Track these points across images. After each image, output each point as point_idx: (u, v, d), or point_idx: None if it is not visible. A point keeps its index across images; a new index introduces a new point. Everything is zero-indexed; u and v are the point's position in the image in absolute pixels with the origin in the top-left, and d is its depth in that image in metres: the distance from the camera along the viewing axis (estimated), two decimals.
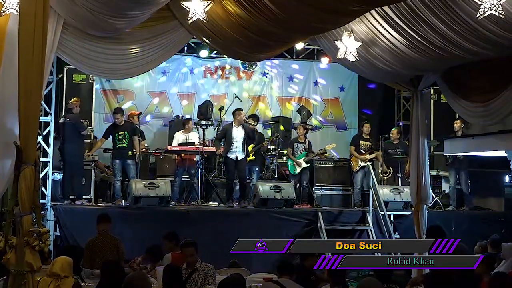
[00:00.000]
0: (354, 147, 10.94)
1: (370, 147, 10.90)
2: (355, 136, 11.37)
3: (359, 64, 8.00)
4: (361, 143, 10.91)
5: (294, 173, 10.86)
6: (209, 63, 13.16)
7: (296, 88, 13.63)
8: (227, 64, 13.22)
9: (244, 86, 13.44)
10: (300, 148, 11.01)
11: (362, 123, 11.22)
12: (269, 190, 9.79)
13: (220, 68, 13.25)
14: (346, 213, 10.08)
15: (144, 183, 9.38)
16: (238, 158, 9.86)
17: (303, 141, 11.07)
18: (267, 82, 13.54)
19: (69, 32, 6.83)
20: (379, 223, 9.86)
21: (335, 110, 13.77)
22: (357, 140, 11.00)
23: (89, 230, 8.12)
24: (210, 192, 10.75)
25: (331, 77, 13.68)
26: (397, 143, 11.04)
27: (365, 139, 10.94)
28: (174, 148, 10.43)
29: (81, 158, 9.57)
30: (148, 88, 12.82)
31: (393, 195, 10.26)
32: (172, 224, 8.53)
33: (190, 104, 13.01)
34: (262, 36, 7.13)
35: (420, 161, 8.58)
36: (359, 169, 10.73)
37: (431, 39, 6.84)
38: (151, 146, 11.67)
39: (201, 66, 13.15)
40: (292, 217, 9.60)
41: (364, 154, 10.78)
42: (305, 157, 10.85)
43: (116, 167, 9.81)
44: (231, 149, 9.87)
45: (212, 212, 9.49)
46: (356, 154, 10.82)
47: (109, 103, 12.42)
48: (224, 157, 10.12)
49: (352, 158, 10.91)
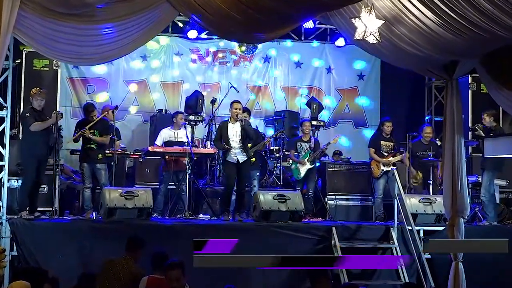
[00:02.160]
0: (373, 149, 10.96)
1: (393, 147, 10.91)
2: (374, 136, 11.39)
3: (381, 47, 8.01)
4: (382, 144, 10.93)
5: (298, 178, 10.89)
6: (199, 46, 13.18)
7: (305, 76, 13.65)
8: (221, 47, 13.24)
9: (242, 74, 13.45)
10: (304, 148, 11.05)
11: (383, 121, 11.24)
12: (272, 200, 9.80)
13: (212, 52, 13.27)
14: (365, 228, 10.08)
15: (120, 191, 9.39)
16: (239, 160, 9.89)
17: (308, 139, 11.10)
18: (269, 69, 13.56)
19: (29, 8, 6.85)
20: (406, 240, 9.86)
21: (353, 102, 13.80)
22: (376, 141, 11.02)
23: (52, 249, 8.15)
24: (201, 202, 10.77)
25: (347, 63, 13.70)
26: (428, 144, 11.05)
27: (387, 139, 10.97)
28: (157, 149, 10.45)
29: (42, 161, 9.55)
30: (125, 76, 12.84)
31: (423, 206, 10.27)
32: (154, 241, 8.54)
33: (176, 96, 13.03)
34: (262, 12, 7.12)
35: (455, 165, 8.57)
36: (382, 174, 10.76)
37: (469, 16, 6.85)
38: (129, 146, 11.70)
39: (190, 50, 13.16)
40: (300, 233, 9.60)
41: (387, 157, 10.80)
42: (309, 157, 10.88)
43: (85, 172, 9.84)
44: (228, 152, 9.90)
45: (203, 227, 9.49)
46: (376, 157, 10.85)
47: (78, 94, 12.44)
48: (223, 161, 10.16)
49: (373, 162, 10.94)
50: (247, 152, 9.93)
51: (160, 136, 10.80)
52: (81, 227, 8.90)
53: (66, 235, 8.71)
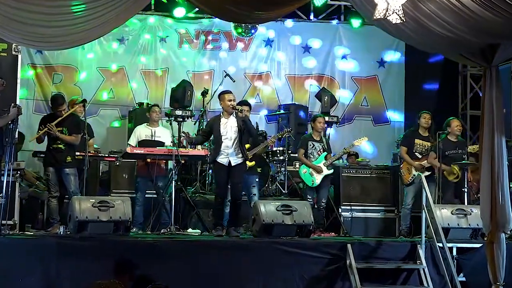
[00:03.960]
0: (406, 147, 10.90)
1: (430, 149, 10.81)
2: (409, 133, 11.30)
3: (406, 28, 7.98)
4: (417, 143, 10.86)
5: (312, 185, 10.85)
6: (187, 27, 13.18)
7: (315, 63, 13.67)
8: (214, 27, 13.24)
9: (238, 60, 13.46)
10: (317, 149, 10.99)
11: (420, 113, 11.11)
12: (275, 211, 9.77)
13: (203, 33, 13.28)
14: (387, 246, 10.05)
15: (93, 201, 9.35)
16: (231, 163, 9.82)
17: (320, 138, 11.06)
18: (272, 55, 13.56)
19: None
20: (436, 260, 9.84)
21: (372, 94, 13.82)
22: (410, 138, 10.93)
23: (11, 272, 8.10)
24: (189, 214, 10.76)
25: (365, 47, 13.70)
26: (456, 141, 10.96)
27: (423, 137, 10.88)
28: (137, 150, 10.40)
29: None
30: (98, 63, 12.85)
31: (456, 219, 10.23)
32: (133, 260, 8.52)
33: (160, 86, 13.04)
34: None
35: (495, 169, 8.52)
36: (413, 180, 10.71)
37: None
38: (103, 147, 11.69)
39: (176, 31, 13.17)
40: (309, 251, 9.56)
41: (420, 159, 10.75)
42: (326, 160, 10.84)
43: (51, 178, 9.82)
44: (220, 152, 9.79)
45: (192, 244, 9.47)
46: (408, 159, 10.78)
47: (42, 85, 12.45)
48: (212, 162, 10.05)
49: (403, 165, 10.89)
50: (244, 153, 9.83)
51: (134, 134, 10.77)
52: (46, 245, 8.85)
53: (28, 255, 8.66)
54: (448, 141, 10.93)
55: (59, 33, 7.84)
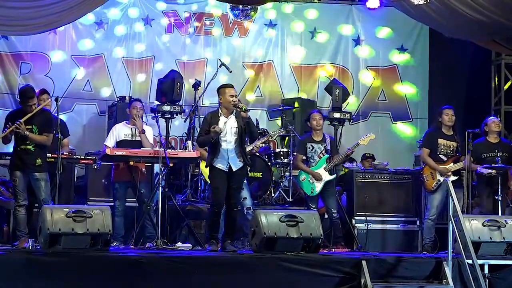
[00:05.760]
0: (429, 149, 10.90)
1: (456, 149, 10.83)
2: (431, 132, 11.25)
3: (430, 10, 8.04)
4: (441, 143, 10.85)
5: (312, 194, 10.86)
6: (176, 9, 13.20)
7: (324, 50, 13.68)
8: (207, 10, 13.26)
9: (236, 46, 13.48)
10: (317, 152, 10.98)
11: (441, 109, 11.16)
12: (279, 223, 9.77)
13: (195, 16, 13.30)
14: (409, 262, 10.07)
15: (67, 211, 9.37)
16: (232, 168, 9.81)
17: (321, 139, 11.05)
18: (274, 40, 13.58)
19: None
20: (465, 279, 9.87)
21: (391, 86, 13.83)
22: (433, 138, 10.90)
23: None
24: (179, 226, 10.80)
25: (383, 31, 13.72)
26: (497, 143, 11.00)
27: (447, 136, 10.90)
28: (118, 151, 10.42)
29: None
30: (73, 50, 12.87)
31: (488, 232, 10.24)
32: (115, 280, 8.54)
33: (145, 78, 13.05)
34: None
35: None
36: (438, 187, 10.71)
37: None
38: (78, 148, 11.72)
39: (163, 13, 13.20)
40: (318, 268, 9.59)
41: (446, 162, 10.76)
42: (327, 164, 10.83)
43: (18, 184, 9.83)
44: (217, 156, 9.77)
45: (182, 260, 9.50)
46: (431, 162, 10.78)
47: (7, 76, 12.47)
48: (210, 167, 9.98)
49: (425, 169, 10.90)
50: (245, 157, 9.82)
51: (111, 134, 10.73)
52: (12, 262, 8.88)
53: None
54: (486, 142, 10.91)
55: (27, 15, 7.89)
